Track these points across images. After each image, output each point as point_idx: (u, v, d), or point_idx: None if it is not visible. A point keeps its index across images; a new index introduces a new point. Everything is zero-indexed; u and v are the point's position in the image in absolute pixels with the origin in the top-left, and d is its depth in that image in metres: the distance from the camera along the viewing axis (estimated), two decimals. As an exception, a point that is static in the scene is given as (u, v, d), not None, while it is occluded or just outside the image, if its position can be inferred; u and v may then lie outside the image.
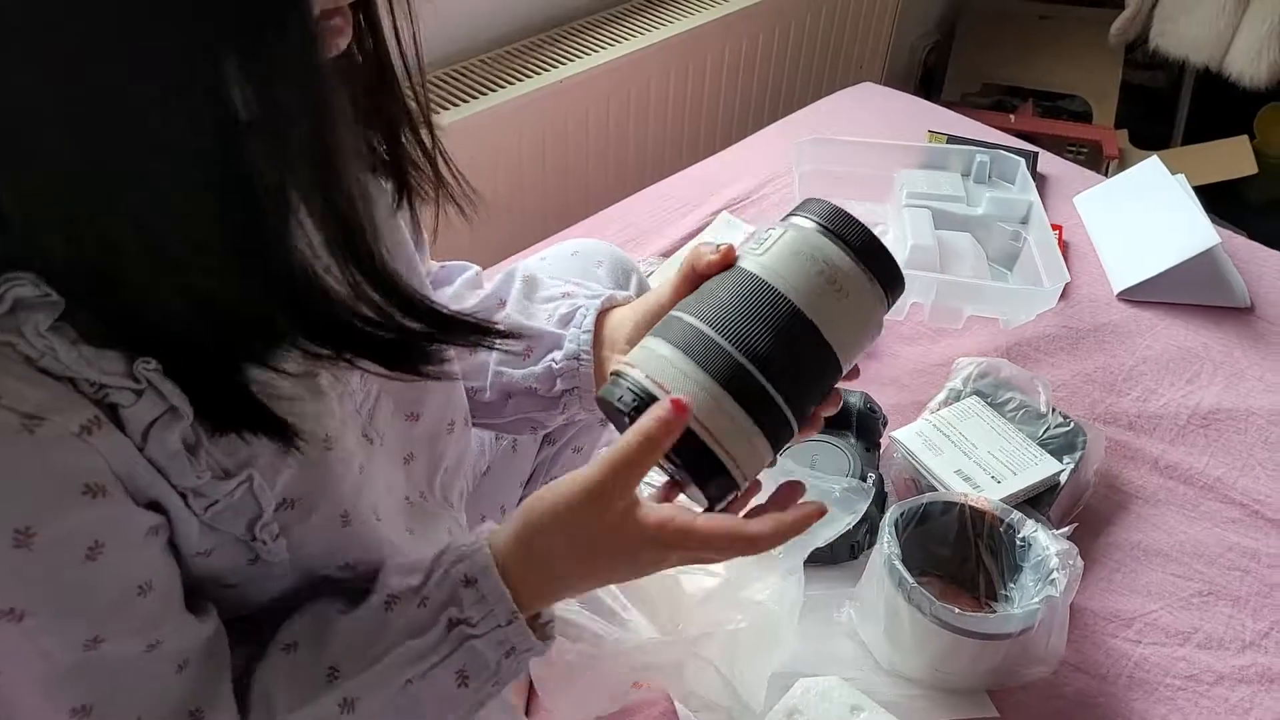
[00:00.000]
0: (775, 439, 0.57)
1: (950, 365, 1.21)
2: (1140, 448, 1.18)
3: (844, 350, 0.59)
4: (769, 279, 0.58)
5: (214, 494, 0.52)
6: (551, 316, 0.77)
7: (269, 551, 0.56)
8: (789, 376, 0.56)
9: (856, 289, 0.59)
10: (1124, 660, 0.97)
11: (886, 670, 0.94)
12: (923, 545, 0.98)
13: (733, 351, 0.56)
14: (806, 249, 0.59)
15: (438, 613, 0.57)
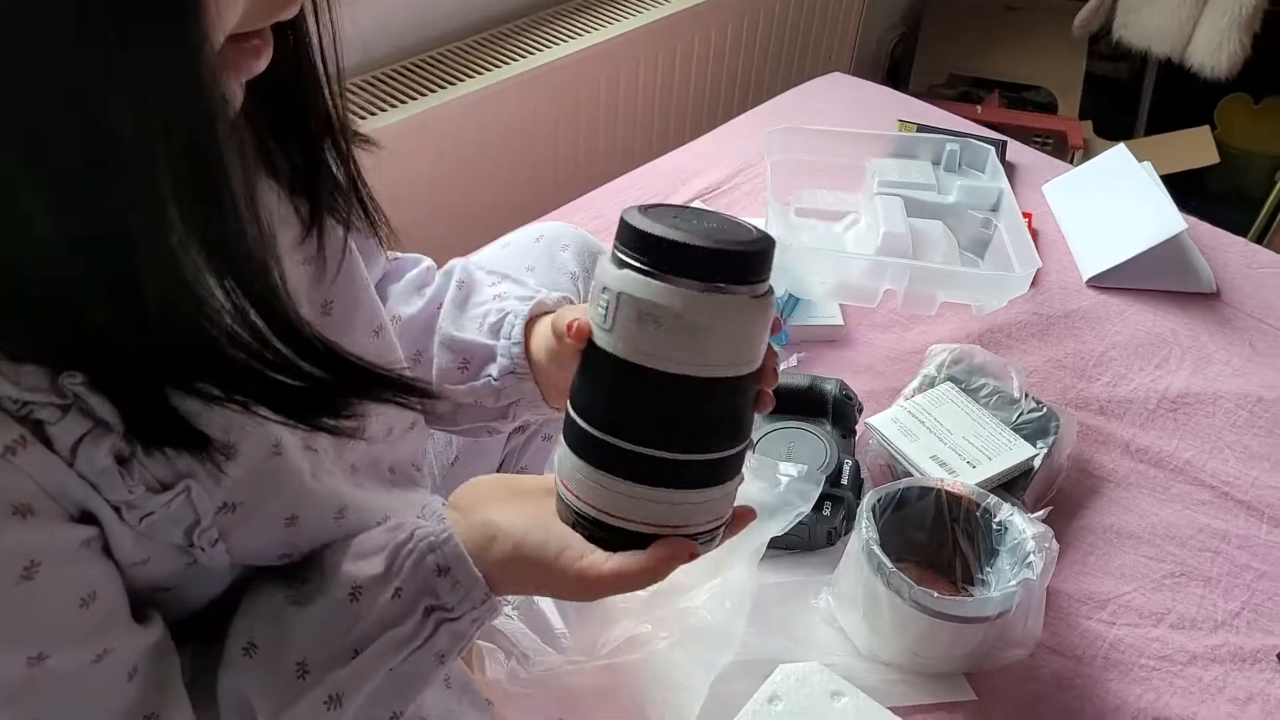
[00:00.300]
0: (721, 483, 0.58)
1: (924, 352, 1.21)
2: (1111, 432, 1.19)
3: (739, 366, 0.55)
4: (629, 357, 0.54)
5: (148, 506, 0.50)
6: (482, 325, 0.75)
7: (207, 557, 0.55)
8: (700, 437, 0.56)
9: (712, 314, 0.53)
10: (1099, 642, 0.98)
11: (865, 655, 0.94)
12: (900, 530, 0.99)
13: (637, 449, 0.55)
14: (641, 308, 0.53)
15: (414, 602, 0.57)
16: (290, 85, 0.55)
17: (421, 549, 0.57)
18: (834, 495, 1.03)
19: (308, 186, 0.61)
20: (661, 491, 0.56)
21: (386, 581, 0.57)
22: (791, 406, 1.11)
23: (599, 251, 1.00)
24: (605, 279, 0.54)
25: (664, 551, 0.56)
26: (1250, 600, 1.03)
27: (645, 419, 0.55)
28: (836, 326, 1.31)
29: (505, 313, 0.74)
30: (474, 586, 0.57)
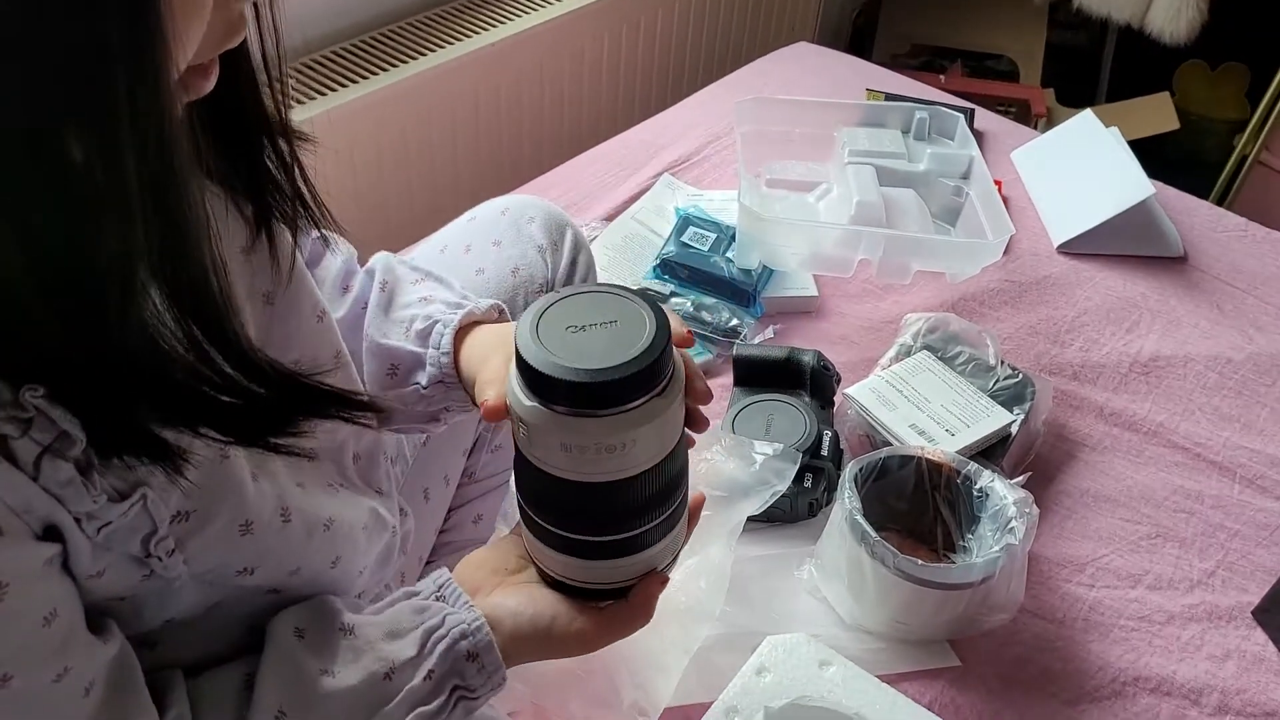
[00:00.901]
0: (676, 524, 0.63)
1: (899, 321, 1.21)
2: (1085, 397, 1.20)
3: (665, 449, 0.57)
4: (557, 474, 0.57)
5: (107, 516, 0.49)
6: (409, 331, 0.74)
7: (164, 567, 0.53)
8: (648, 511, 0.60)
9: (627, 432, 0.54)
10: (1079, 604, 0.99)
11: (849, 625, 0.94)
12: (881, 499, 0.98)
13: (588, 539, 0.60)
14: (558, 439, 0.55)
15: (442, 683, 0.60)
16: (230, 88, 0.53)
17: (454, 635, 0.60)
18: (814, 467, 1.02)
19: (251, 190, 0.60)
20: (624, 560, 0.61)
21: (418, 663, 0.59)
22: (769, 379, 1.11)
23: (566, 224, 0.98)
24: (516, 407, 0.55)
25: (642, 595, 0.63)
26: (1224, 559, 1.04)
27: (589, 516, 0.59)
28: (810, 298, 1.30)
29: (433, 320, 0.73)
30: (496, 672, 0.61)
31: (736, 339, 1.22)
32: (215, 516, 0.54)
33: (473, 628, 0.61)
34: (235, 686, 0.58)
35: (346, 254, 0.81)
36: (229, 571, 0.57)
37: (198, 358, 0.47)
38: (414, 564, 0.97)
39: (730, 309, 1.25)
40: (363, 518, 0.68)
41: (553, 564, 0.63)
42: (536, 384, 0.53)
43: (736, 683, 0.81)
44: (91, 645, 0.51)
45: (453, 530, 1.02)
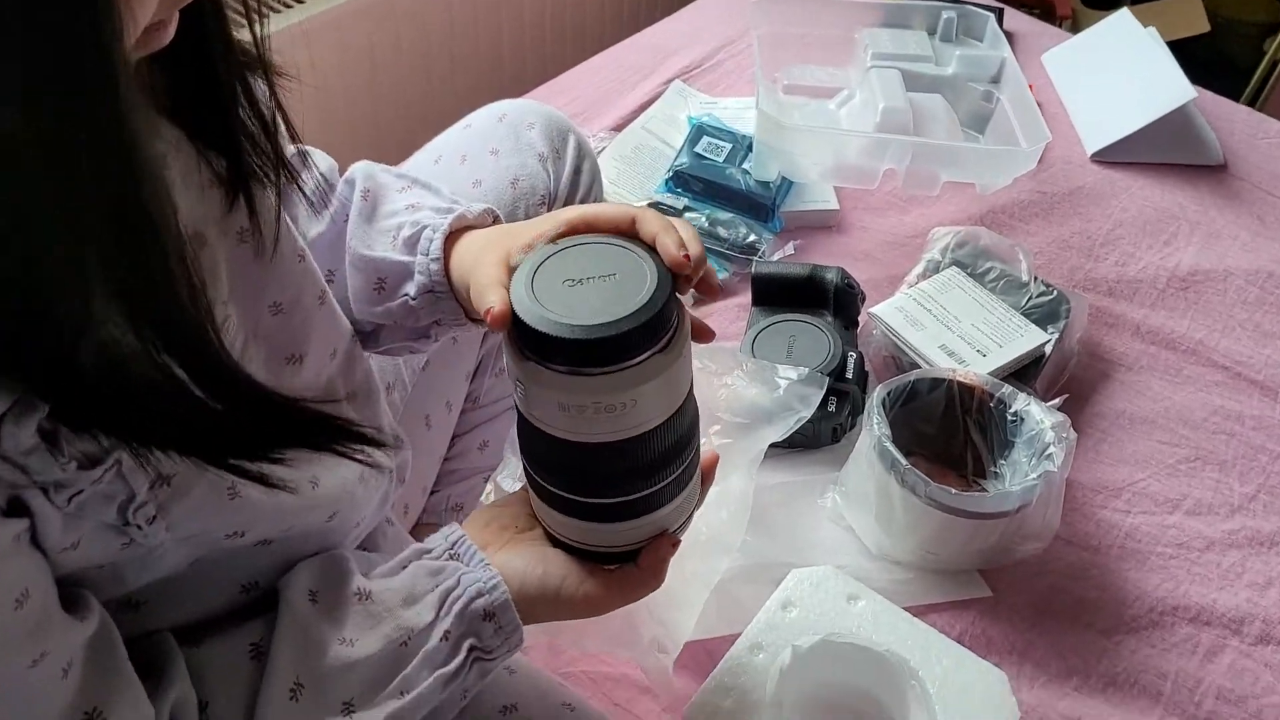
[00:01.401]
0: (688, 484, 0.60)
1: (925, 236, 1.15)
2: (1121, 314, 1.14)
3: (673, 405, 0.54)
4: (558, 435, 0.53)
5: (78, 484, 0.44)
6: (395, 239, 0.68)
7: (144, 535, 0.48)
8: (657, 471, 0.56)
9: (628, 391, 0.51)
10: (1114, 531, 0.94)
11: (875, 555, 0.90)
12: (908, 424, 0.94)
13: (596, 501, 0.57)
14: (557, 399, 0.51)
15: (459, 644, 0.58)
16: (191, 32, 0.47)
17: (470, 593, 0.58)
18: (839, 390, 0.97)
19: (223, 148, 0.53)
20: (631, 523, 0.58)
21: (434, 626, 0.57)
22: (790, 298, 1.05)
23: (569, 130, 0.91)
24: (512, 368, 0.52)
25: (652, 558, 0.60)
26: (1266, 483, 1.00)
27: (592, 478, 0.56)
28: (831, 212, 1.24)
29: (421, 226, 0.67)
30: (514, 633, 0.58)
31: (754, 256, 1.16)
32: (199, 480, 0.49)
33: (489, 586, 0.58)
34: (243, 657, 0.55)
35: (326, 166, 0.74)
36: (217, 535, 0.52)
37: (166, 382, 0.42)
38: (417, 494, 0.93)
39: (747, 224, 1.19)
40: (358, 468, 0.63)
41: (558, 526, 0.60)
42: (531, 341, 0.50)
43: (761, 618, 0.77)
44: (67, 624, 0.46)
45: (458, 458, 0.97)
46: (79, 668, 0.47)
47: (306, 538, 0.59)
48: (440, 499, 0.96)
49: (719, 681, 0.73)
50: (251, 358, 0.55)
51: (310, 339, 0.60)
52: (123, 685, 0.49)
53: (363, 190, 0.71)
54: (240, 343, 0.54)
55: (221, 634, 0.56)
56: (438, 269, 0.65)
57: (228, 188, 0.53)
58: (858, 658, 0.75)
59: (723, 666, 0.74)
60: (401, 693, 0.56)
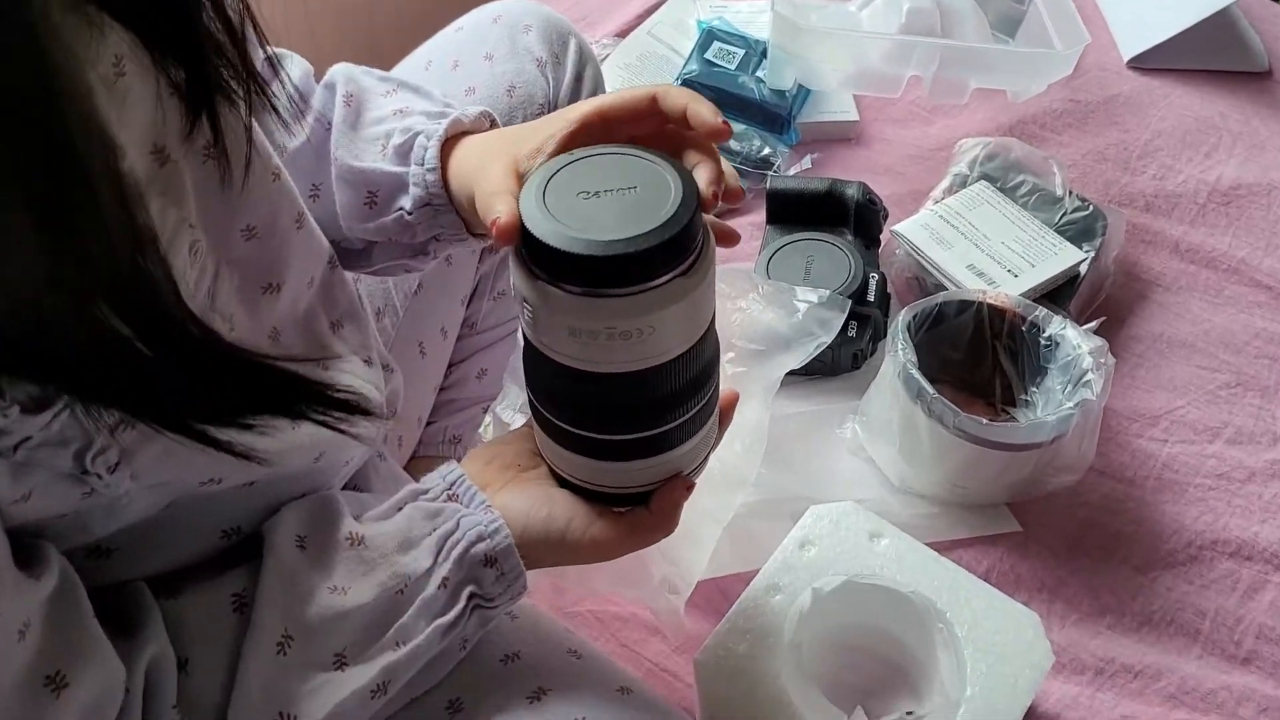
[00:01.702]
0: (705, 422, 0.55)
1: (951, 148, 1.07)
2: (1159, 230, 1.07)
3: (692, 336, 0.49)
4: (569, 364, 0.48)
5: (24, 430, 0.39)
6: (385, 148, 0.62)
7: (106, 485, 0.43)
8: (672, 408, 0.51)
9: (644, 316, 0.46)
10: (1151, 461, 0.89)
11: (898, 488, 0.86)
12: (933, 350, 0.88)
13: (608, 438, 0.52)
14: (567, 324, 0.46)
15: (458, 590, 0.54)
16: None
17: (470, 538, 0.54)
18: (860, 314, 0.91)
19: (182, 52, 0.46)
20: (643, 462, 0.53)
21: (432, 572, 0.53)
22: (807, 215, 0.99)
23: (569, 33, 0.84)
24: (519, 288, 0.47)
25: (665, 501, 0.55)
26: (1311, 410, 0.94)
27: (602, 411, 0.51)
28: (851, 123, 1.16)
29: (413, 133, 0.61)
30: (516, 579, 0.55)
31: (769, 170, 1.09)
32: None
33: (490, 529, 0.54)
34: (225, 609, 0.50)
35: (300, 72, 0.68)
36: (190, 483, 0.48)
37: (109, 338, 0.37)
38: (412, 425, 0.88)
39: (762, 136, 1.11)
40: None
41: (564, 464, 0.55)
42: (542, 258, 0.45)
43: (778, 557, 0.72)
44: (21, 584, 0.41)
45: (454, 387, 0.92)
46: (38, 627, 0.42)
47: (291, 479, 0.55)
48: (437, 431, 0.91)
49: (733, 624, 0.68)
50: (223, 287, 0.49)
51: (288, 265, 0.54)
52: (89, 645, 0.44)
53: (344, 95, 0.65)
54: (211, 271, 0.48)
55: (201, 584, 0.51)
56: (435, 179, 0.60)
57: (187, 104, 0.47)
58: (881, 599, 0.71)
59: (737, 609, 0.69)
60: (397, 643, 0.52)
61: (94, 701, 0.43)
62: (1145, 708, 0.75)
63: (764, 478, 0.81)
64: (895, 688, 0.73)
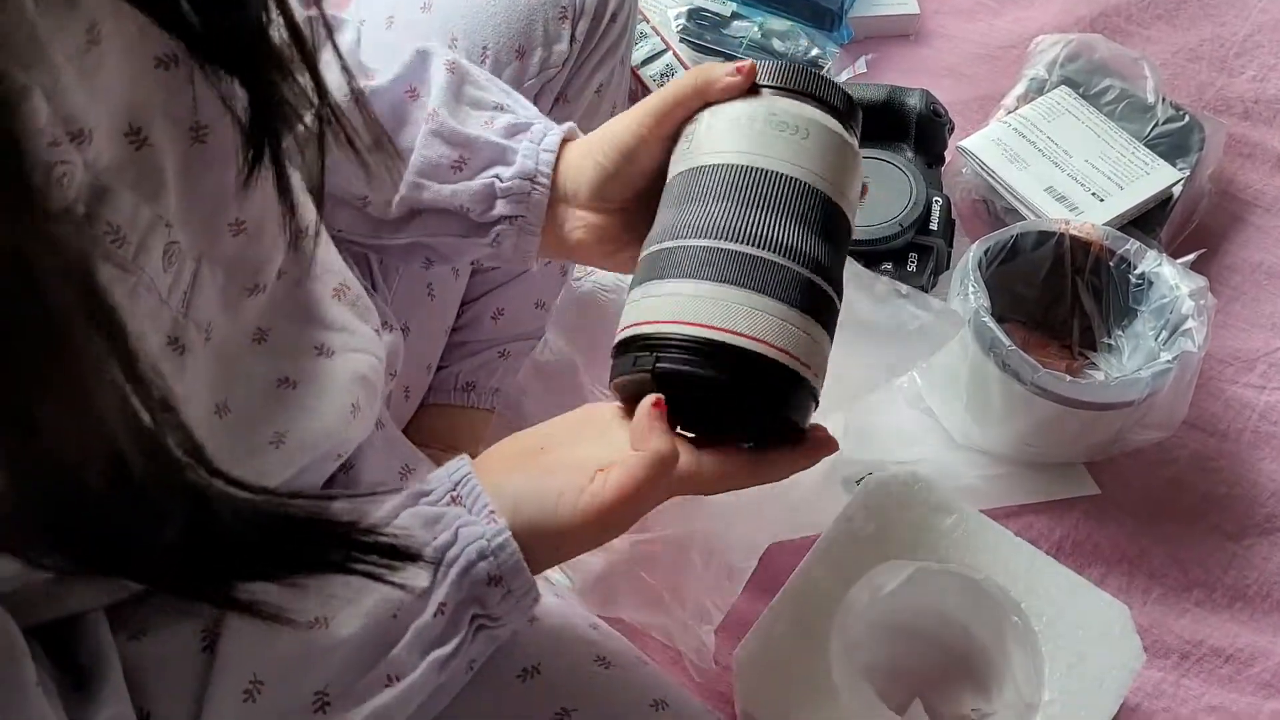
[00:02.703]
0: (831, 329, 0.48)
1: (1025, 46, 0.95)
2: (1259, 141, 0.95)
3: (846, 199, 0.49)
4: (759, 164, 0.47)
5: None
6: (492, 123, 0.60)
7: None
8: (833, 260, 0.47)
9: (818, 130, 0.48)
10: (1247, 412, 0.80)
11: (962, 444, 0.77)
12: (1005, 287, 0.78)
13: (785, 263, 0.45)
14: (759, 113, 0.48)
15: (459, 616, 0.46)
16: None
17: (470, 555, 0.46)
18: (921, 245, 0.81)
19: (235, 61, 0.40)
20: (788, 309, 0.44)
21: (429, 595, 0.46)
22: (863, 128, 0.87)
23: None
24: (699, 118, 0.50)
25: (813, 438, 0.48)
26: None
27: (765, 215, 0.46)
28: (910, 16, 1.03)
29: (528, 121, 0.60)
30: (525, 596, 0.47)
31: (817, 75, 0.97)
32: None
33: (495, 545, 0.46)
34: (191, 650, 0.43)
35: (353, 36, 0.62)
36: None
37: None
38: (421, 373, 0.80)
39: (809, 34, 0.99)
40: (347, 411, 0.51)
41: (691, 308, 0.44)
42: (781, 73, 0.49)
43: (830, 535, 0.64)
44: None
45: (467, 328, 0.83)
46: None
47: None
48: (448, 376, 0.83)
49: (778, 614, 0.61)
50: (203, 290, 0.43)
51: (272, 264, 0.47)
52: (23, 691, 0.37)
53: (448, 62, 0.61)
54: (189, 273, 0.42)
55: (167, 618, 0.44)
56: (549, 160, 0.58)
57: (248, 135, 0.41)
58: (947, 584, 0.63)
59: (783, 597, 0.62)
60: (389, 678, 0.45)
61: None
62: (1237, 696, 0.67)
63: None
64: (957, 679, 0.66)
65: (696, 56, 1.01)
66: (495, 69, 0.72)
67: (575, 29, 0.73)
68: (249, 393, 0.47)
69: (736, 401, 0.44)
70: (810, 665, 0.59)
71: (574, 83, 0.76)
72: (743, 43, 0.99)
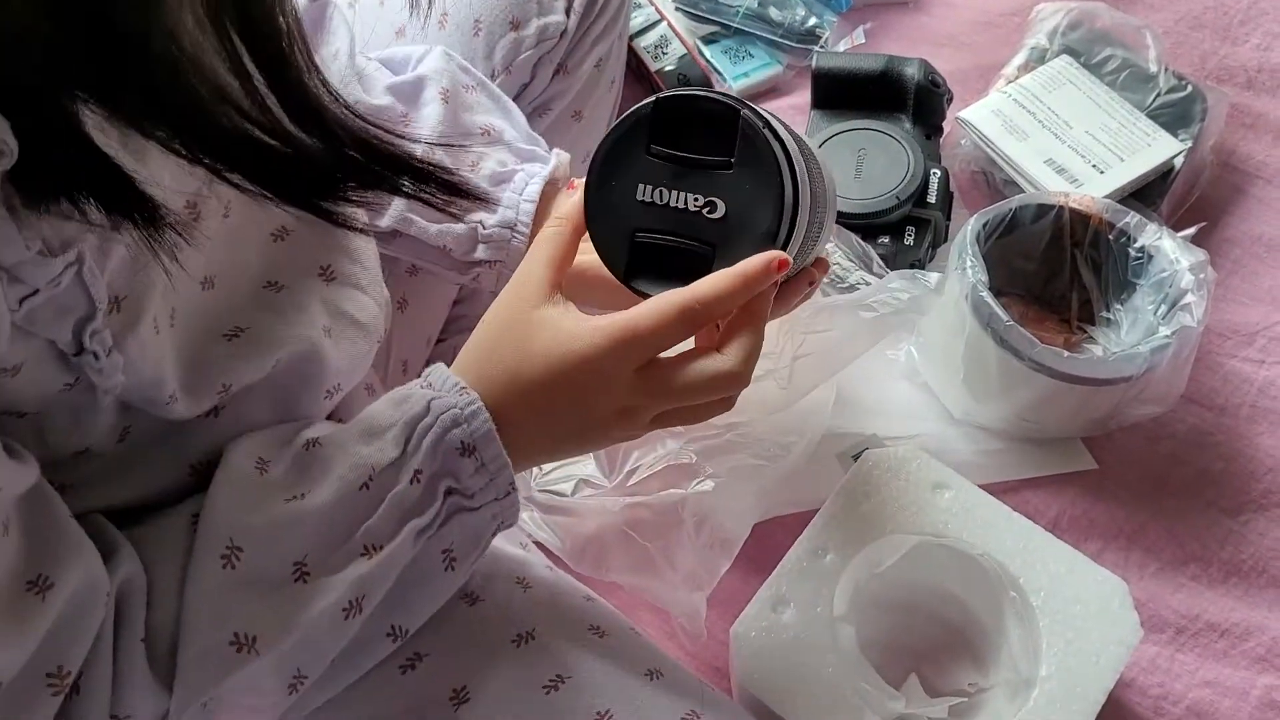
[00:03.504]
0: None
1: (1027, 14, 0.93)
2: (1262, 112, 0.94)
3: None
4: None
5: (36, 279, 0.36)
6: (478, 166, 0.63)
7: (100, 371, 0.40)
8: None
9: None
10: (1245, 386, 0.79)
11: (959, 420, 0.76)
12: (1003, 260, 0.77)
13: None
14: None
15: (434, 485, 0.47)
16: None
17: (444, 422, 0.47)
18: (919, 218, 0.80)
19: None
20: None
21: (402, 464, 0.47)
22: (860, 99, 0.86)
23: None
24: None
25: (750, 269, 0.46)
26: None
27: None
28: (909, -16, 1.01)
29: (511, 170, 0.63)
30: (500, 472, 0.47)
31: (815, 46, 0.95)
32: (147, 305, 0.41)
33: (467, 412, 0.47)
34: (182, 527, 0.45)
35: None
36: (159, 395, 0.44)
37: (248, 94, 0.37)
38: (420, 345, 0.79)
39: (806, 3, 0.97)
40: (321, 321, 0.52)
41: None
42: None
43: (828, 510, 0.64)
44: (5, 465, 0.38)
45: (466, 301, 0.83)
46: (19, 526, 0.39)
47: (263, 401, 0.50)
48: (446, 349, 0.82)
49: (776, 590, 0.61)
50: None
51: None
52: (71, 545, 0.40)
53: (442, 90, 0.64)
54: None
55: (163, 511, 0.47)
56: (530, 211, 0.62)
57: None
58: (944, 558, 0.63)
59: (781, 571, 0.61)
60: (366, 549, 0.46)
61: (79, 603, 0.39)
62: (1231, 671, 0.67)
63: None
64: (955, 652, 0.66)
65: (692, 26, 0.99)
66: (489, 41, 0.71)
67: (572, 2, 0.72)
68: (236, 281, 0.48)
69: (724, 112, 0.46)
70: (808, 640, 0.59)
71: (574, 54, 0.75)
72: (738, 12, 0.97)
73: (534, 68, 0.74)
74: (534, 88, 0.75)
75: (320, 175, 0.42)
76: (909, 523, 0.63)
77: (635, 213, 0.47)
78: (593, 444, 0.54)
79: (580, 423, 0.49)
